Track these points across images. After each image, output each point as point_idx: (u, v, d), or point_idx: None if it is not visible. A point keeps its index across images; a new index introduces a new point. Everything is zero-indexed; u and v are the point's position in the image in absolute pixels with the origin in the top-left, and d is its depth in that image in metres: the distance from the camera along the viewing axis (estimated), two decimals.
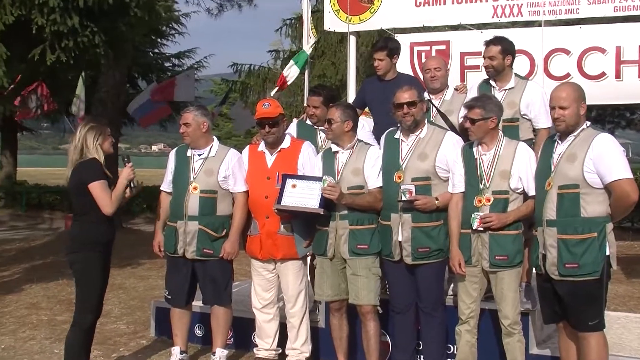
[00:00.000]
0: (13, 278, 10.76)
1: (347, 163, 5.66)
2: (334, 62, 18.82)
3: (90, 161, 5.39)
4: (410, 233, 5.43)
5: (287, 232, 5.87)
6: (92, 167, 5.38)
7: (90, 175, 5.36)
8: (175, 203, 5.93)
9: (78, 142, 5.41)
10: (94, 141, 5.42)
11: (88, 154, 5.40)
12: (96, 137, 5.43)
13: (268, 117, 5.86)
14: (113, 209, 5.38)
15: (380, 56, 6.59)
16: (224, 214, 5.89)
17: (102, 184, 5.36)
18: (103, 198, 5.35)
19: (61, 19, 8.97)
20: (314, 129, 6.41)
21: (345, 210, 5.57)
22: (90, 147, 5.41)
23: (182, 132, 5.92)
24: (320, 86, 6.99)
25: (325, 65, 18.81)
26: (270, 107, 5.90)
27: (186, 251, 5.85)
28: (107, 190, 5.39)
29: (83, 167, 5.39)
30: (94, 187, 5.34)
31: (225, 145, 6.17)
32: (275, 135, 5.89)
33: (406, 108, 5.49)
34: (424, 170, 5.45)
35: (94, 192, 5.34)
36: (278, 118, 5.88)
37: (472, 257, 5.24)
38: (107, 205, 5.36)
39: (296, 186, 5.65)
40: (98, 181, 5.34)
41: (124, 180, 5.49)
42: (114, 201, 5.39)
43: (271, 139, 5.91)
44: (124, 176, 5.49)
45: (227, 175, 5.87)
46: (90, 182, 5.34)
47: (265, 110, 5.89)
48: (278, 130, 5.90)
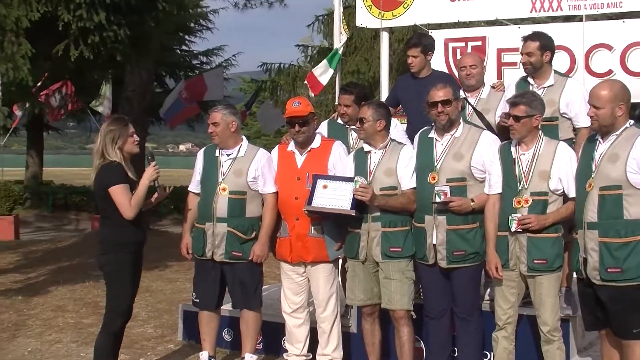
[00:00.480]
0: (39, 280, 10.90)
1: (379, 163, 5.65)
2: (366, 59, 18.77)
3: (110, 164, 5.48)
4: (445, 236, 5.41)
5: (318, 234, 5.88)
6: (112, 171, 5.47)
7: (110, 179, 5.46)
8: (203, 204, 5.97)
9: (99, 145, 5.52)
10: (112, 144, 5.51)
11: (109, 157, 5.49)
12: (115, 140, 5.51)
13: (298, 115, 5.87)
14: (133, 213, 5.45)
15: (414, 53, 6.57)
16: (253, 216, 5.91)
17: (121, 188, 5.44)
18: (122, 203, 5.44)
19: (87, 14, 9.08)
20: (345, 128, 6.42)
21: (377, 211, 5.56)
22: (109, 150, 5.50)
23: (211, 132, 5.95)
24: (352, 84, 6.98)
25: (358, 62, 18.78)
26: (301, 105, 5.92)
27: (215, 254, 5.89)
28: (126, 194, 5.45)
29: (104, 170, 5.49)
30: (113, 192, 5.43)
31: (254, 145, 6.19)
32: (305, 134, 5.90)
33: (441, 107, 5.46)
34: (459, 170, 5.43)
35: (114, 197, 5.43)
36: (308, 117, 5.89)
37: (510, 261, 5.20)
38: (126, 209, 5.44)
39: (327, 187, 5.66)
40: (117, 185, 5.43)
41: (146, 181, 5.54)
42: (134, 205, 5.45)
43: (301, 138, 5.93)
44: (146, 177, 5.55)
45: (256, 175, 5.89)
46: (110, 186, 5.44)
47: (295, 109, 5.90)
48: (308, 129, 5.91)
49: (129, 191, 5.47)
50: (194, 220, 6.09)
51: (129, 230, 5.51)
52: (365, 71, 18.60)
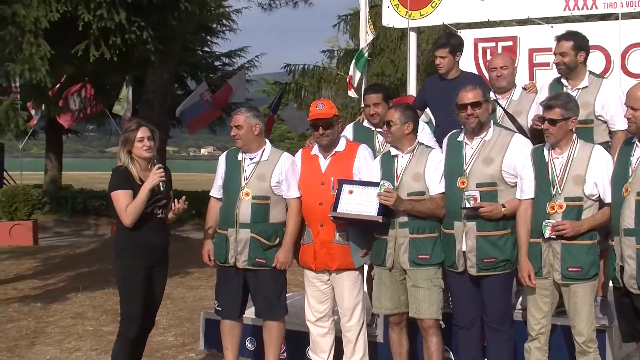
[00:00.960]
0: (58, 286, 10.99)
1: (407, 168, 5.64)
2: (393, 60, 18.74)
3: (118, 169, 5.62)
4: (475, 242, 5.38)
5: (343, 240, 5.87)
6: (115, 176, 5.60)
7: (112, 184, 5.58)
8: (225, 210, 5.98)
9: (118, 152, 5.69)
10: (123, 148, 5.62)
11: (118, 161, 5.63)
12: (123, 144, 5.62)
13: (322, 118, 5.87)
14: (130, 220, 5.49)
15: (442, 53, 6.56)
16: (277, 221, 5.92)
17: (121, 194, 5.52)
18: (119, 209, 5.53)
19: (108, 14, 9.13)
20: (371, 131, 6.41)
21: (405, 217, 5.55)
22: (120, 154, 5.64)
23: (233, 135, 5.97)
24: (376, 84, 6.98)
25: (384, 63, 18.74)
26: (325, 107, 5.92)
27: (237, 260, 5.89)
28: (124, 200, 5.51)
29: (112, 175, 5.63)
30: (113, 197, 5.56)
31: (277, 148, 6.21)
32: (329, 137, 5.90)
33: (470, 109, 5.44)
34: (489, 175, 5.40)
35: (114, 202, 5.54)
36: (332, 119, 5.88)
37: (543, 269, 5.16)
38: (122, 215, 5.52)
39: (353, 192, 5.65)
40: (117, 191, 5.53)
41: (147, 186, 5.55)
42: (129, 212, 5.49)
43: (325, 141, 5.93)
44: (148, 182, 5.57)
45: (280, 180, 5.90)
46: (111, 190, 5.56)
47: (319, 111, 5.91)
48: (332, 132, 5.91)
49: (128, 197, 5.51)
50: (216, 226, 6.11)
51: (135, 235, 5.55)
52: (390, 73, 18.57)
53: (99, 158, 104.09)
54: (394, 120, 5.64)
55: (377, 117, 6.29)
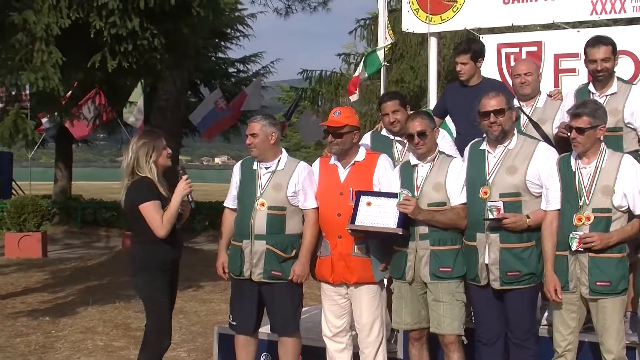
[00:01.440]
0: (67, 300, 11.04)
1: (427, 177, 5.63)
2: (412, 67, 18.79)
3: (141, 180, 5.58)
4: (498, 255, 5.36)
5: (362, 253, 5.86)
6: (142, 187, 5.58)
7: (140, 195, 5.56)
8: (240, 221, 6.00)
9: (130, 160, 5.63)
10: (147, 158, 5.62)
11: (139, 172, 5.59)
12: (149, 153, 5.62)
13: (331, 125, 5.89)
14: (166, 231, 5.54)
15: (463, 60, 6.55)
16: (294, 233, 5.93)
17: (152, 205, 5.53)
18: (153, 220, 5.54)
19: (120, 21, 9.18)
20: (389, 140, 6.41)
21: (425, 229, 5.54)
22: (142, 164, 5.62)
23: (249, 144, 5.99)
24: (394, 92, 6.98)
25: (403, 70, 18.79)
26: (340, 115, 5.92)
27: (252, 273, 5.91)
28: (157, 211, 5.55)
29: (135, 187, 5.59)
30: (144, 209, 5.53)
31: (294, 157, 6.22)
32: (338, 147, 5.91)
33: (493, 117, 5.43)
34: (513, 185, 5.38)
35: (145, 214, 5.53)
36: (343, 129, 5.88)
37: (570, 283, 5.13)
38: (158, 227, 5.54)
39: (371, 204, 5.65)
40: (148, 202, 5.54)
41: (179, 197, 5.65)
42: (165, 223, 5.55)
43: (334, 150, 5.95)
44: (179, 192, 5.66)
45: (296, 190, 5.91)
46: (140, 203, 5.54)
47: (332, 119, 5.93)
48: (343, 142, 5.90)
49: (160, 208, 5.55)
50: (231, 237, 6.13)
51: (162, 248, 5.59)
52: (410, 80, 18.61)
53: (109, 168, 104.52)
54: (426, 129, 5.63)
55: (397, 125, 6.27)
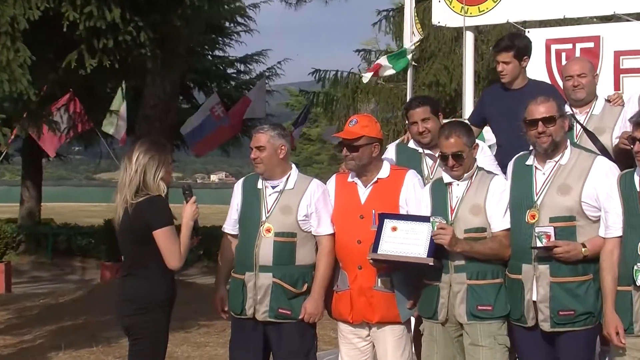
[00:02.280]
0: (35, 344, 11.04)
1: (463, 198, 5.66)
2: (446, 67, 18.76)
3: (157, 200, 5.55)
4: (549, 290, 5.37)
5: (386, 288, 5.88)
6: (160, 209, 5.56)
7: (158, 219, 5.52)
8: (242, 249, 6.03)
9: (135, 174, 5.58)
10: (155, 175, 5.60)
11: (146, 190, 5.58)
12: (158, 169, 5.62)
13: (345, 137, 5.94)
14: (182, 263, 5.56)
15: (505, 58, 6.59)
16: (305, 264, 5.95)
17: (171, 231, 5.53)
18: (171, 249, 5.52)
19: (98, 12, 9.16)
20: (417, 153, 6.44)
21: (461, 260, 5.55)
22: (149, 182, 5.59)
23: (254, 158, 6.03)
24: (422, 96, 7.01)
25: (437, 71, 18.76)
26: (356, 125, 5.95)
27: (257, 311, 5.92)
28: (176, 239, 5.56)
29: (148, 207, 5.53)
30: (162, 235, 5.50)
31: (305, 174, 6.25)
32: (354, 162, 5.95)
33: (542, 126, 5.46)
34: (566, 207, 5.40)
35: (161, 241, 5.51)
36: (359, 140, 5.91)
37: (634, 324, 5.12)
38: (175, 258, 5.53)
39: (397, 229, 5.67)
40: (167, 227, 5.52)
41: (190, 222, 5.67)
42: (183, 253, 5.57)
43: (349, 165, 6.00)
44: (189, 216, 5.68)
45: (309, 213, 5.95)
46: (157, 227, 5.50)
47: (347, 129, 5.98)
48: (359, 156, 5.94)
49: (177, 235, 5.58)
50: (230, 269, 6.16)
51: (167, 283, 5.64)
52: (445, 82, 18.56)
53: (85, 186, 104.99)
54: (463, 149, 5.65)
55: (428, 135, 6.31)
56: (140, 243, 5.55)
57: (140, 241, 5.55)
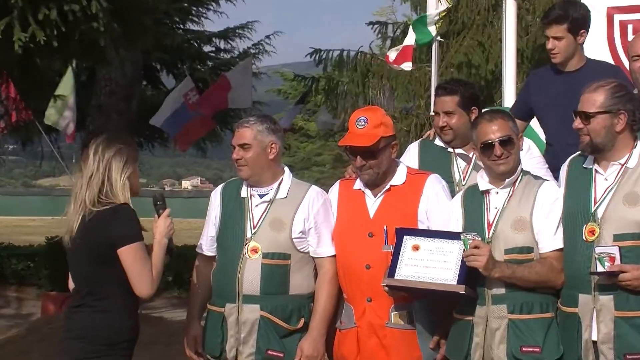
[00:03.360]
0: None
1: (504, 210, 5.65)
2: (481, 43, 18.68)
3: (123, 209, 5.47)
4: (613, 328, 5.36)
5: (404, 323, 5.90)
6: (127, 220, 5.48)
7: (125, 233, 5.43)
8: (221, 275, 6.04)
9: (97, 172, 5.50)
10: (122, 173, 5.53)
11: (111, 196, 5.51)
12: (126, 167, 5.54)
13: (361, 145, 5.91)
14: (154, 290, 5.48)
15: (556, 32, 6.59)
16: (301, 293, 5.97)
17: (142, 249, 5.45)
18: (141, 272, 5.44)
19: None
20: (447, 153, 6.47)
21: (501, 288, 5.55)
22: (116, 184, 5.51)
23: (237, 159, 6.02)
24: (454, 81, 7.00)
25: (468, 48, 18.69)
26: (367, 126, 5.93)
27: (240, 353, 5.93)
28: (148, 259, 5.49)
29: (111, 217, 5.45)
30: (129, 254, 5.41)
31: (301, 180, 6.25)
32: (373, 171, 5.94)
33: (578, 121, 5.47)
34: (635, 221, 5.40)
35: (129, 262, 5.42)
36: (379, 144, 5.90)
37: None
38: (146, 283, 5.44)
39: (420, 248, 5.66)
40: (136, 244, 5.44)
41: (164, 239, 5.60)
42: (156, 278, 5.49)
43: (366, 176, 5.98)
44: (162, 233, 5.60)
45: (306, 228, 5.96)
46: (123, 244, 5.40)
47: (358, 132, 5.94)
48: (378, 164, 5.94)
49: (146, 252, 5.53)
50: (207, 300, 6.17)
51: (132, 318, 5.58)
52: (479, 63, 18.47)
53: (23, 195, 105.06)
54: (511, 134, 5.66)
55: (449, 133, 6.36)
56: (100, 264, 5.48)
57: (100, 262, 5.47)
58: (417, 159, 6.52)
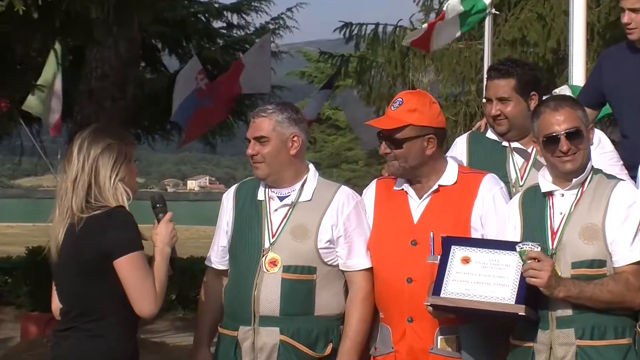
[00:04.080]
0: None
1: (571, 215, 5.64)
2: (540, 16, 18.68)
3: (118, 213, 5.42)
4: None
5: (452, 350, 5.90)
6: (123, 226, 5.43)
7: (121, 241, 5.38)
8: (234, 292, 6.07)
9: (82, 172, 5.44)
10: (112, 173, 5.46)
11: (101, 200, 5.46)
12: (117, 165, 5.48)
13: (382, 127, 5.95)
14: (158, 307, 5.42)
15: (634, 3, 6.57)
16: (329, 314, 5.99)
17: (142, 260, 5.40)
18: (142, 286, 5.38)
19: None
20: (501, 147, 6.49)
21: (568, 309, 5.54)
22: (104, 184, 5.44)
23: (253, 155, 6.04)
24: (511, 61, 6.99)
25: (524, 22, 18.69)
26: (401, 108, 5.96)
27: None
28: (150, 271, 5.44)
29: (105, 224, 5.41)
30: (128, 265, 5.35)
31: (329, 180, 6.25)
32: (397, 163, 5.96)
33: None
34: None
35: (128, 274, 5.36)
36: (402, 131, 5.91)
37: None
38: (149, 299, 5.39)
39: (471, 261, 5.66)
40: (135, 253, 5.38)
41: (166, 248, 5.57)
42: (160, 293, 5.43)
43: (391, 168, 6.03)
44: (164, 241, 5.57)
45: (334, 237, 5.98)
46: (120, 254, 5.35)
47: (389, 114, 5.99)
48: (403, 154, 5.94)
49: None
50: (217, 321, 6.19)
51: (127, 343, 5.54)
52: (538, 40, 18.47)
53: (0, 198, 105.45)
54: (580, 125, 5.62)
55: (503, 123, 6.36)
56: (92, 279, 5.43)
57: (93, 276, 5.43)
58: (465, 155, 6.53)
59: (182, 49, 24.93)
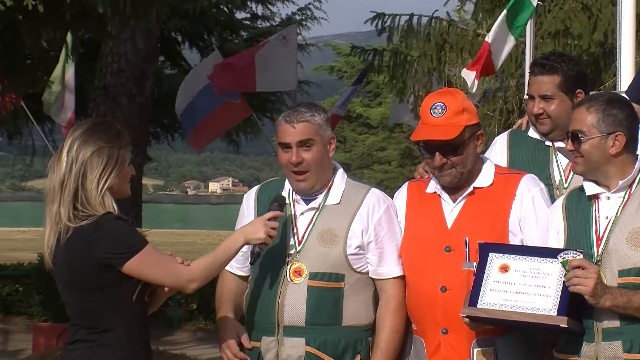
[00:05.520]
0: None
1: (618, 220, 5.61)
2: (585, 6, 18.66)
3: (105, 222, 5.38)
4: None
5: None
6: (117, 235, 5.41)
7: (119, 251, 5.37)
8: (256, 300, 6.08)
9: (69, 176, 5.42)
10: (100, 180, 5.42)
11: (88, 207, 5.41)
12: (105, 172, 5.45)
13: (441, 139, 5.88)
14: (195, 276, 5.49)
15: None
16: (357, 324, 5.99)
17: (152, 250, 5.44)
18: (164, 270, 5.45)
19: None
20: (543, 147, 6.49)
21: (615, 320, 5.51)
22: (91, 191, 5.41)
23: (297, 163, 5.96)
24: (555, 55, 6.97)
25: (568, 13, 18.65)
26: (446, 113, 5.91)
27: None
28: (162, 253, 5.51)
29: (96, 236, 5.39)
30: (139, 263, 5.37)
31: (359, 181, 6.27)
32: (457, 170, 5.92)
33: None
34: None
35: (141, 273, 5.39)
36: (463, 136, 5.89)
37: None
38: (179, 273, 5.47)
39: (510, 269, 5.64)
40: (143, 250, 5.39)
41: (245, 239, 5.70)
42: (203, 267, 5.54)
43: (448, 179, 5.96)
44: (245, 232, 5.72)
45: (364, 243, 5.98)
46: (124, 260, 5.34)
47: (435, 121, 5.91)
48: (463, 159, 5.92)
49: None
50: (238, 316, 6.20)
51: (138, 352, 5.55)
52: (583, 32, 18.44)
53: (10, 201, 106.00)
54: (587, 129, 5.60)
55: (547, 122, 6.35)
56: (91, 291, 5.44)
57: (91, 288, 5.44)
58: (505, 155, 6.51)
59: (203, 42, 24.96)
